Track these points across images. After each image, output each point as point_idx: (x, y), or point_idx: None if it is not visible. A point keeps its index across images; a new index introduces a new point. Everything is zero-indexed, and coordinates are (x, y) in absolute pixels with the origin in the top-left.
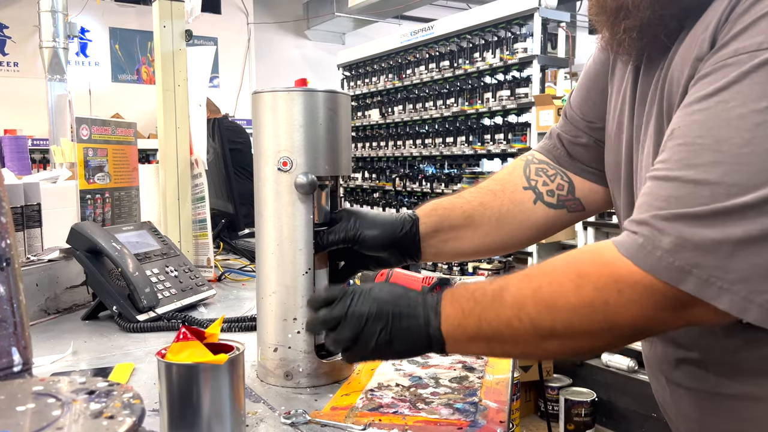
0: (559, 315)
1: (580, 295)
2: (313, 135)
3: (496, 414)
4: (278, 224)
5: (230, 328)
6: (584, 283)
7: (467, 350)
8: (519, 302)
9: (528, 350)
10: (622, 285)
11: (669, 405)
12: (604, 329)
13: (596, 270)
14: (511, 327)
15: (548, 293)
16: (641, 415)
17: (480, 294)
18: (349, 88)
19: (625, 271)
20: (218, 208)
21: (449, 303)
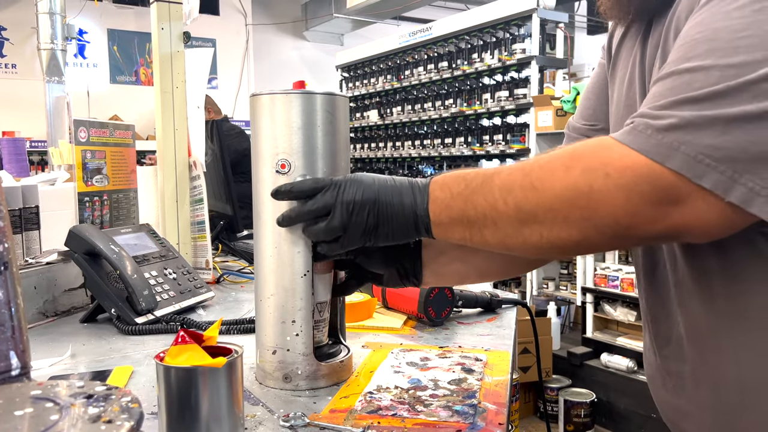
0: (542, 198)
1: (567, 177)
2: (312, 137)
3: (495, 416)
4: (276, 227)
5: (229, 330)
6: (574, 165)
7: (450, 235)
8: (508, 185)
9: (507, 238)
10: (610, 169)
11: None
12: (584, 217)
13: (589, 153)
14: (496, 210)
15: (537, 176)
16: (641, 415)
17: (471, 177)
18: (348, 89)
19: (616, 155)
20: (217, 209)
21: (439, 186)
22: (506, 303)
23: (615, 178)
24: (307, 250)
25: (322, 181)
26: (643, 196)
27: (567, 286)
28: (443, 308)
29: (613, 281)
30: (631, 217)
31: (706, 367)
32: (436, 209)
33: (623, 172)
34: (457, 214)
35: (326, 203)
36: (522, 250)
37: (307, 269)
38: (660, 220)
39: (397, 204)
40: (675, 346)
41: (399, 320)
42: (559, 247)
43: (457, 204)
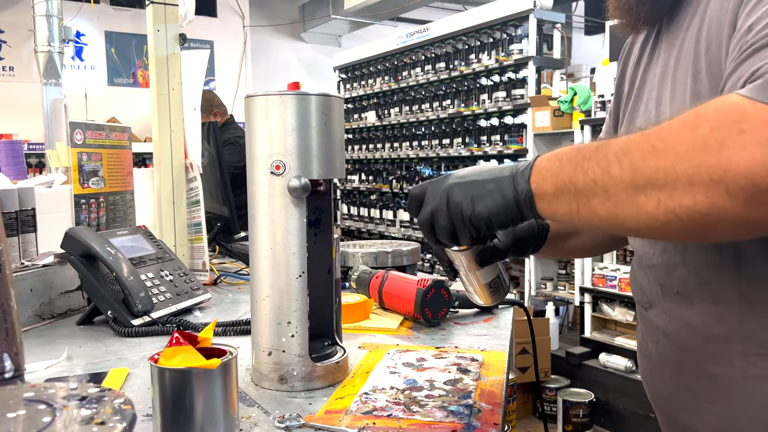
0: (664, 159)
1: (694, 134)
2: (306, 138)
3: (491, 416)
4: (272, 228)
5: (225, 332)
6: (701, 123)
7: (555, 208)
8: (624, 148)
9: (618, 207)
10: (746, 125)
11: (684, 407)
12: (713, 179)
13: (716, 111)
14: (608, 174)
15: (658, 136)
16: (639, 415)
17: (586, 146)
18: (345, 91)
19: (752, 110)
20: (214, 211)
21: (547, 158)
22: (503, 303)
23: (752, 133)
24: (301, 252)
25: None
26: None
27: (565, 286)
28: (440, 309)
29: (611, 281)
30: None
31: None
32: (539, 179)
33: (762, 127)
34: (563, 182)
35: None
36: (634, 223)
37: (302, 270)
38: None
39: (491, 179)
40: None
41: (395, 321)
42: (679, 218)
43: (566, 171)
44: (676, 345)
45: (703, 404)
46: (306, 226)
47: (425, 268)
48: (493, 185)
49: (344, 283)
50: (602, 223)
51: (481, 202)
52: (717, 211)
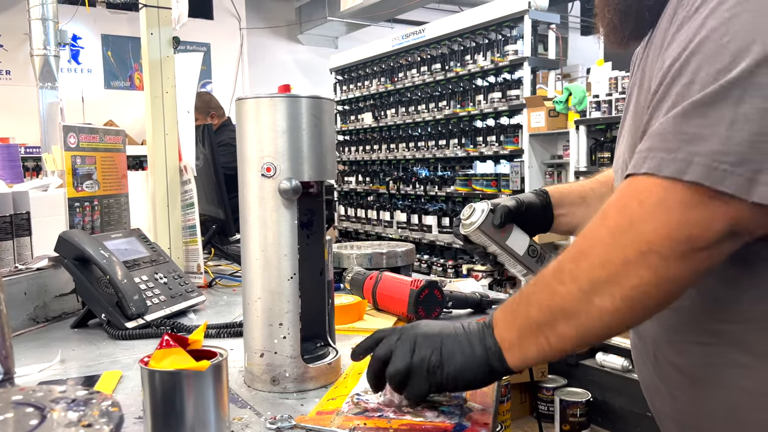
0: (593, 256)
1: (605, 226)
2: (297, 141)
3: (481, 416)
4: (263, 230)
5: (219, 334)
6: (608, 213)
7: (526, 352)
8: (557, 267)
9: (582, 319)
10: (641, 196)
11: (660, 394)
12: (643, 252)
13: (616, 198)
14: (558, 295)
15: (580, 244)
16: (637, 414)
17: (525, 288)
18: (342, 92)
19: (641, 185)
20: (209, 213)
21: (499, 311)
22: (497, 303)
23: (647, 201)
24: (293, 254)
25: (386, 331)
26: (681, 204)
27: None
28: (433, 309)
29: None
30: (681, 226)
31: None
32: (501, 332)
33: (651, 191)
34: (522, 324)
35: (389, 346)
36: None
37: (293, 272)
38: (711, 220)
39: (462, 336)
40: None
41: (389, 322)
42: (638, 299)
43: (520, 314)
44: (649, 336)
45: (674, 392)
46: (297, 228)
47: (422, 269)
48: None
49: (338, 284)
50: (576, 343)
51: (452, 362)
52: (664, 277)
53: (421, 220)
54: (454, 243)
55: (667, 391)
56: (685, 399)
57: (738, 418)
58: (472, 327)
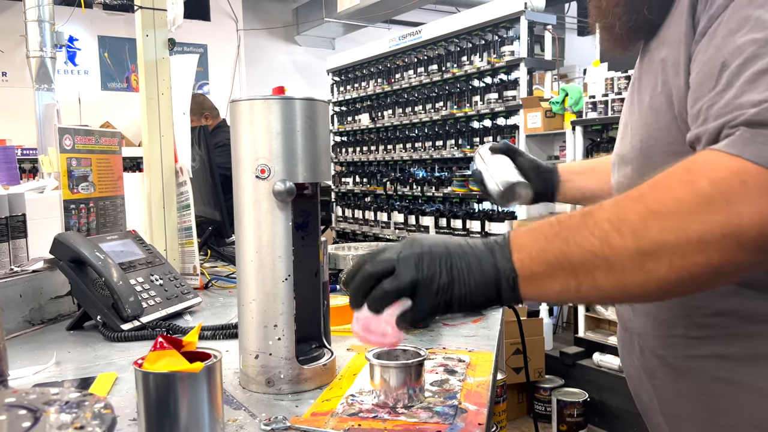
0: (668, 221)
1: (695, 192)
2: (291, 142)
3: (475, 416)
4: (257, 232)
5: (214, 335)
6: (697, 179)
7: (546, 288)
8: (617, 215)
9: (627, 277)
10: (745, 176)
11: (645, 387)
12: (725, 235)
13: (709, 166)
14: (608, 245)
15: (653, 199)
16: (633, 414)
17: (566, 217)
18: (339, 93)
19: (745, 167)
20: (205, 215)
21: (523, 234)
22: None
23: (753, 183)
24: (287, 255)
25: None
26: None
27: None
28: None
29: None
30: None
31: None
32: (524, 258)
33: (760, 176)
34: (556, 259)
35: (389, 259)
36: (642, 290)
37: (288, 274)
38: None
39: (472, 254)
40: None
41: None
42: (692, 276)
43: (554, 248)
44: (636, 329)
45: (658, 384)
46: (292, 230)
47: None
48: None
49: (334, 285)
50: (605, 296)
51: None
52: (730, 263)
53: (418, 221)
54: None
55: (652, 384)
56: (669, 391)
57: (715, 408)
58: (479, 247)
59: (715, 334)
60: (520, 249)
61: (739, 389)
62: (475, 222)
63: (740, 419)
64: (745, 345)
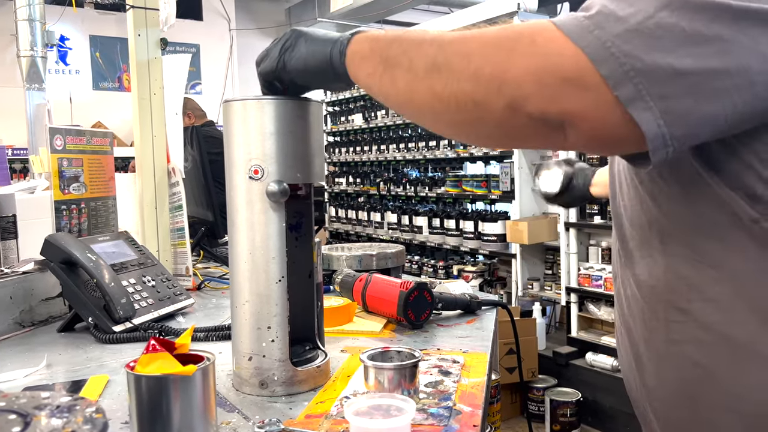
0: (464, 47)
1: (495, 34)
2: (285, 143)
3: (470, 417)
4: (251, 233)
5: (207, 337)
6: (508, 30)
7: (361, 68)
8: (441, 34)
9: (416, 81)
10: (539, 38)
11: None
12: (494, 75)
13: (526, 25)
14: (418, 49)
15: (472, 32)
16: (626, 414)
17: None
18: (332, 93)
19: (548, 31)
20: (198, 216)
21: (375, 30)
22: (486, 304)
23: (541, 44)
24: (281, 256)
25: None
26: (556, 71)
27: (551, 286)
28: (423, 311)
29: (596, 281)
30: (535, 86)
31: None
32: (359, 38)
33: (548, 43)
34: (380, 47)
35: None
36: (422, 100)
37: (281, 275)
38: (558, 100)
39: (322, 34)
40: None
41: (379, 324)
42: (456, 103)
43: (385, 38)
44: (627, 312)
45: (640, 366)
46: (285, 231)
47: (413, 270)
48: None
49: (328, 286)
50: (397, 95)
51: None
52: (486, 104)
53: (411, 221)
54: (444, 244)
55: (639, 370)
56: (653, 377)
57: (692, 394)
58: (338, 33)
59: (693, 319)
60: (362, 32)
61: (713, 375)
62: (468, 222)
63: (720, 405)
64: (722, 331)
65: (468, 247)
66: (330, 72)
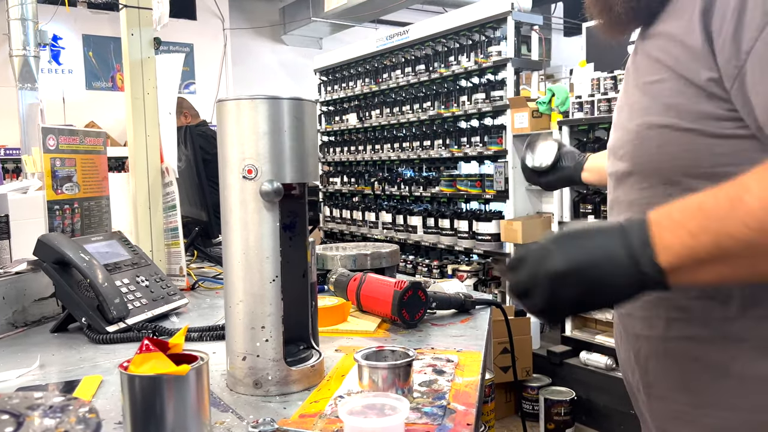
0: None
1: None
2: (278, 142)
3: (464, 416)
4: (244, 233)
5: (201, 337)
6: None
7: (697, 278)
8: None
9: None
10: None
11: (632, 369)
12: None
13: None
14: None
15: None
16: (620, 412)
17: (710, 204)
18: (327, 93)
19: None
20: (192, 215)
21: (666, 228)
22: (480, 303)
23: None
24: (275, 256)
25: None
26: None
27: None
28: (417, 310)
29: None
30: None
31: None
32: (671, 259)
33: None
34: (707, 253)
35: (522, 282)
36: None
37: (275, 275)
38: None
39: (608, 266)
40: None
41: (373, 323)
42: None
43: (704, 242)
44: (624, 309)
45: (640, 363)
46: (280, 230)
47: (407, 269)
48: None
49: (322, 286)
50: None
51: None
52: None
53: (406, 221)
54: (439, 243)
55: (637, 365)
56: (651, 372)
57: (693, 389)
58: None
59: (693, 316)
60: (666, 249)
61: (715, 371)
62: (462, 222)
63: (717, 401)
64: (718, 327)
65: (462, 246)
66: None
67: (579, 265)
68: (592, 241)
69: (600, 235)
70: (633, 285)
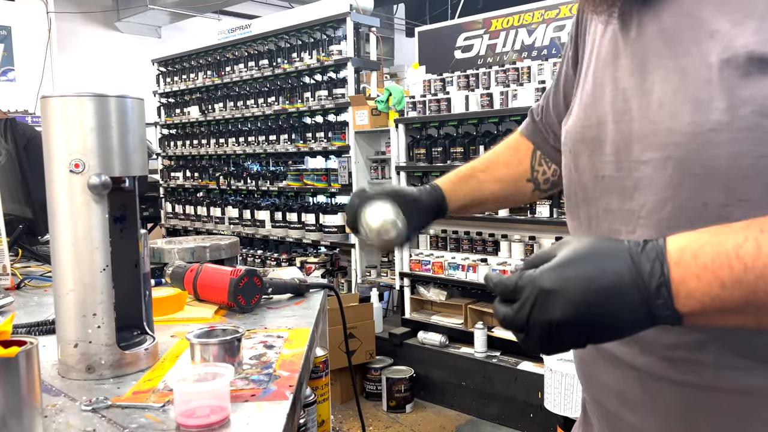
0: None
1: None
2: (106, 138)
3: (287, 380)
4: (73, 225)
5: (30, 332)
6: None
7: (713, 323)
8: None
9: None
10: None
11: (634, 402)
12: None
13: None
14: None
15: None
16: (453, 385)
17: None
18: (166, 84)
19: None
20: (15, 213)
21: (691, 272)
22: (314, 287)
23: None
24: (105, 246)
25: (522, 280)
26: None
27: (387, 272)
28: (252, 296)
29: (425, 265)
30: None
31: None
32: (692, 306)
33: None
34: (737, 304)
35: (517, 324)
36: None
37: (106, 264)
38: None
39: (617, 310)
40: None
41: (210, 310)
42: None
43: (736, 296)
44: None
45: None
46: (109, 222)
47: (256, 264)
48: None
49: (160, 279)
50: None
51: (606, 335)
52: None
53: (253, 216)
54: (287, 237)
55: (651, 406)
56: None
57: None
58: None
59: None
60: (690, 295)
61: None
62: (310, 215)
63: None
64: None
65: (310, 239)
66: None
67: (584, 316)
68: (600, 279)
69: (610, 272)
70: (641, 327)
